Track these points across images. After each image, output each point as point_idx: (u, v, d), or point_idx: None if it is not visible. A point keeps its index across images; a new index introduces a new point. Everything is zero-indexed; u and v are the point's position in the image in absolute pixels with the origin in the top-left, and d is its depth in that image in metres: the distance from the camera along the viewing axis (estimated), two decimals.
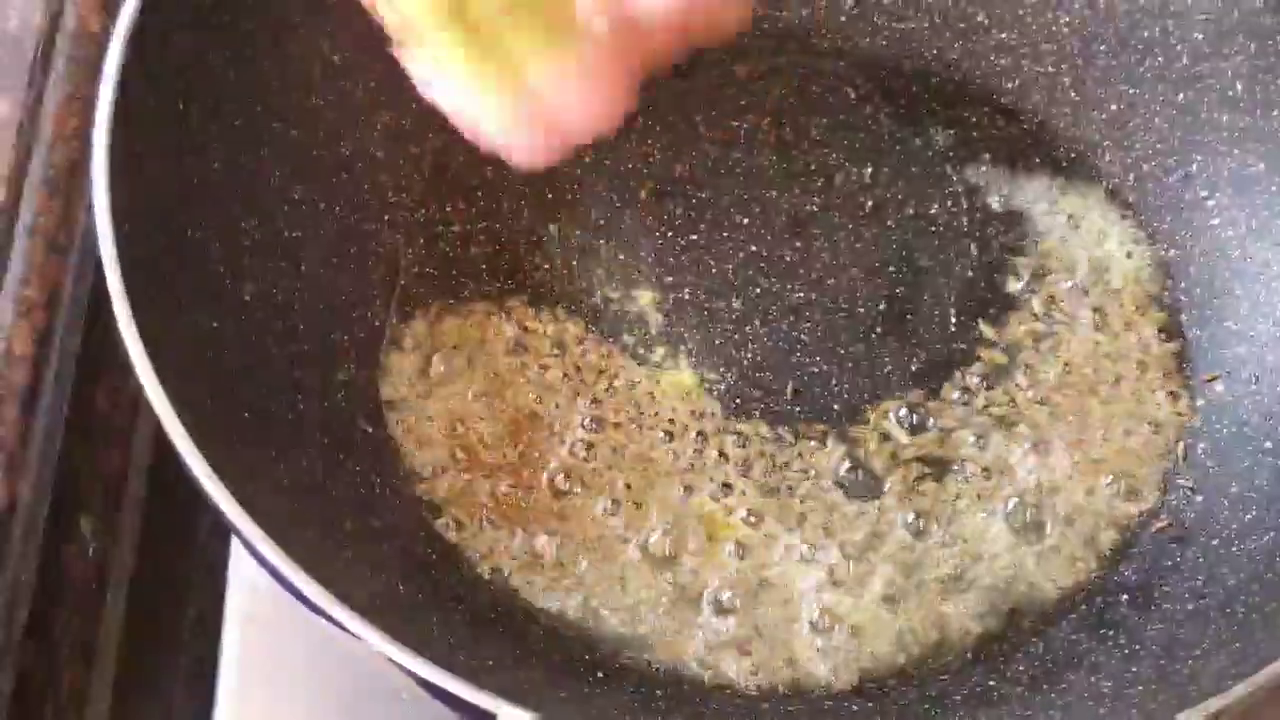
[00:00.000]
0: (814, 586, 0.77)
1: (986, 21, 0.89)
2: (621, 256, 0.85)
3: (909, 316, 0.83)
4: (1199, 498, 0.78)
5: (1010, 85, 0.89)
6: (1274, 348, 0.80)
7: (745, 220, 0.86)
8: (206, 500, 0.64)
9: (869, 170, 0.87)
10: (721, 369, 0.82)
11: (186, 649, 0.86)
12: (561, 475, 0.79)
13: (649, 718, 0.73)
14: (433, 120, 0.85)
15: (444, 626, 0.73)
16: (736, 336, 0.83)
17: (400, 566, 0.74)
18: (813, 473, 0.79)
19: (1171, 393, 0.81)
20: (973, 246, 0.85)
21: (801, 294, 0.84)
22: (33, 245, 0.82)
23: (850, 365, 0.82)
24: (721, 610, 0.76)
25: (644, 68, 0.66)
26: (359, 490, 0.76)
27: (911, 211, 0.86)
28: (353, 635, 0.62)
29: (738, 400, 0.81)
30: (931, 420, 0.80)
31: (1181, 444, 0.80)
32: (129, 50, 0.71)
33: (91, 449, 0.83)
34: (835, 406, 0.81)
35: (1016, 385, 0.81)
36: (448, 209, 0.86)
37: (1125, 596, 0.76)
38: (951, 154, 0.88)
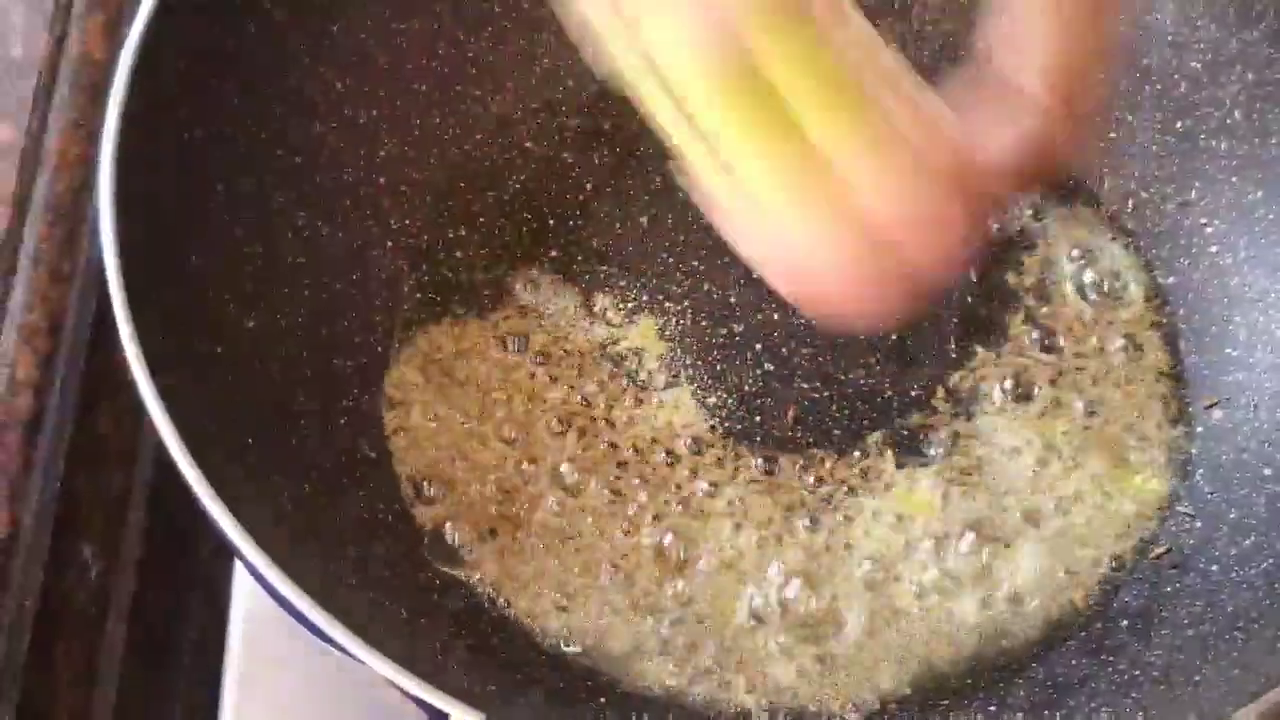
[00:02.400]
0: (815, 613, 0.77)
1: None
2: (623, 283, 0.85)
3: (909, 342, 0.84)
4: (1198, 524, 0.78)
5: None
6: (1272, 375, 0.80)
7: None
8: (209, 524, 0.64)
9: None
10: (722, 394, 0.82)
11: (188, 673, 0.86)
12: (562, 501, 0.79)
13: None
14: (434, 147, 0.87)
15: (445, 651, 0.73)
16: (737, 362, 0.83)
17: (402, 591, 0.74)
18: (812, 499, 0.79)
19: (1170, 419, 0.81)
20: (972, 274, 0.85)
21: (802, 320, 0.84)
22: (36, 271, 0.82)
23: (850, 391, 0.82)
24: (722, 636, 0.76)
25: (987, 209, 0.57)
26: (361, 514, 0.77)
27: None
28: (354, 659, 0.62)
29: (738, 426, 0.81)
30: (931, 446, 0.80)
31: (1181, 470, 0.80)
32: (133, 77, 0.71)
33: (94, 474, 0.83)
34: (836, 432, 0.81)
35: (1016, 411, 0.81)
36: (450, 235, 0.86)
37: (1125, 622, 0.76)
38: None
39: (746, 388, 0.82)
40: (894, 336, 0.83)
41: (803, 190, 0.54)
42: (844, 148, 0.54)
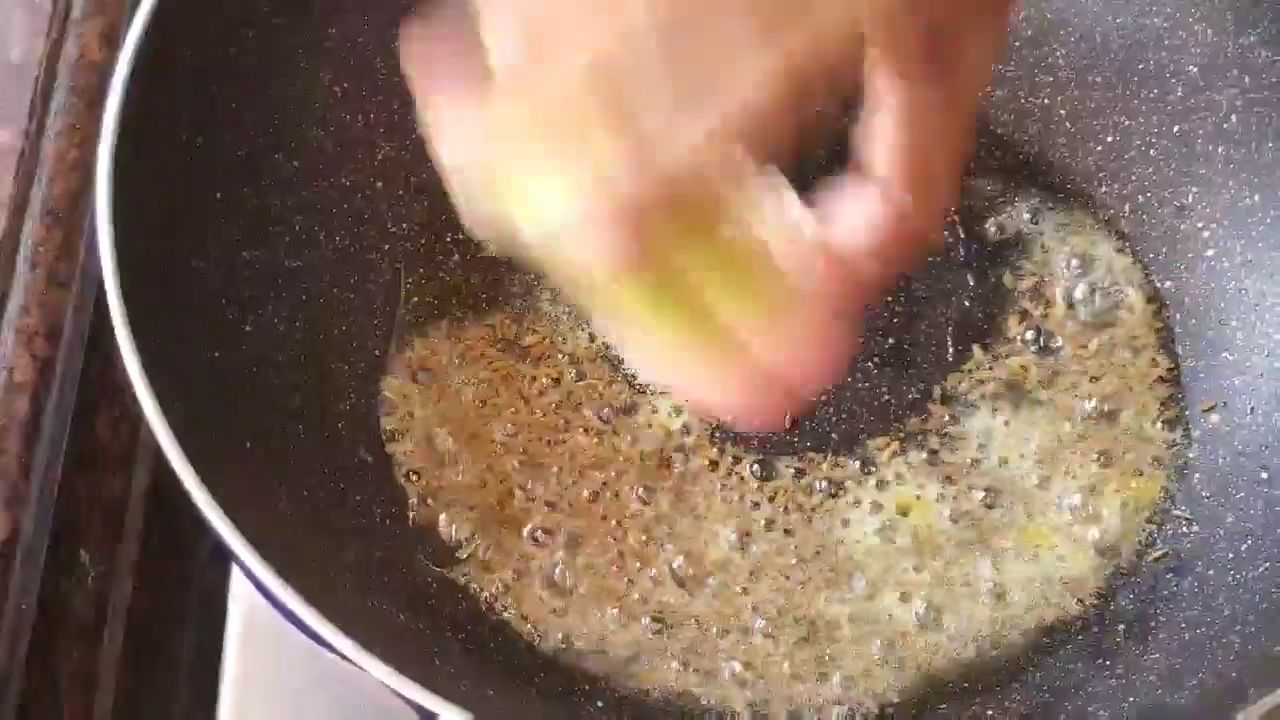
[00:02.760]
0: (812, 616, 0.77)
1: None
2: None
3: (906, 347, 0.84)
4: (1195, 528, 0.78)
5: (1006, 116, 0.89)
6: (1270, 379, 0.80)
7: None
8: (207, 528, 0.64)
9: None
10: None
11: (187, 678, 0.86)
12: (559, 504, 0.79)
13: None
14: (431, 152, 0.87)
15: (444, 656, 0.73)
16: None
17: (400, 596, 0.75)
18: (809, 502, 0.79)
19: (1168, 423, 0.81)
20: (969, 277, 0.85)
21: None
22: (34, 275, 0.82)
23: (848, 395, 0.82)
24: (719, 640, 0.76)
25: (858, 306, 0.59)
26: (359, 519, 0.77)
27: None
28: (352, 664, 0.62)
29: (735, 431, 0.81)
30: (927, 449, 0.81)
31: (1178, 474, 0.80)
32: (131, 81, 0.71)
33: (92, 478, 0.83)
34: (833, 436, 0.81)
35: (1012, 415, 0.81)
36: (447, 239, 0.86)
37: (1122, 627, 0.76)
38: None
39: None
40: (891, 340, 0.83)
41: (693, 339, 0.57)
42: (728, 299, 0.56)
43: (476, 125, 0.55)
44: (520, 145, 0.54)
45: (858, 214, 0.57)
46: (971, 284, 0.85)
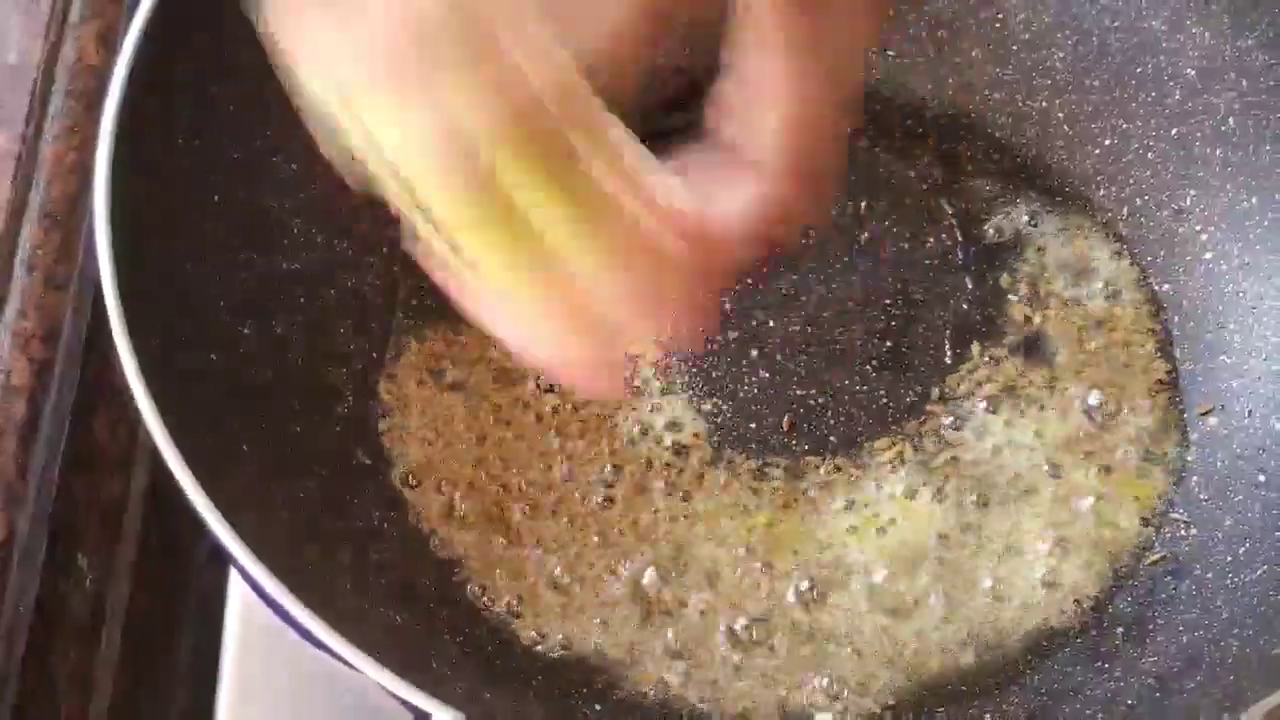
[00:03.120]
0: (808, 619, 0.77)
1: (980, 56, 0.89)
2: None
3: (904, 349, 0.84)
4: (1193, 531, 0.78)
5: (1004, 119, 0.89)
6: (1267, 382, 0.80)
7: None
8: (205, 530, 0.64)
9: (863, 203, 0.87)
10: (717, 401, 0.82)
11: (184, 681, 0.86)
12: (557, 507, 0.79)
13: None
14: None
15: (441, 658, 0.73)
16: (732, 369, 0.83)
17: (398, 598, 0.75)
18: (806, 505, 0.79)
19: (1165, 426, 0.81)
20: (967, 280, 0.85)
21: (796, 327, 0.84)
22: (31, 277, 0.82)
23: (846, 398, 0.82)
24: (717, 643, 0.76)
25: (721, 284, 0.58)
26: (357, 522, 0.77)
27: (906, 245, 0.87)
28: (350, 667, 0.62)
29: (733, 432, 0.81)
30: (925, 452, 0.81)
31: (1176, 477, 0.80)
32: (129, 84, 0.71)
33: (89, 481, 0.83)
34: (831, 439, 0.81)
35: (1010, 418, 0.81)
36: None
37: (1120, 629, 0.76)
38: (946, 188, 0.88)
39: (742, 394, 0.82)
40: (889, 343, 0.83)
41: (535, 287, 0.55)
42: (573, 246, 0.55)
43: (337, 47, 0.54)
44: (376, 69, 0.53)
45: (735, 200, 0.56)
46: (969, 286, 0.85)
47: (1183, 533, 0.78)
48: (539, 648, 0.76)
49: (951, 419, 0.81)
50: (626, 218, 0.55)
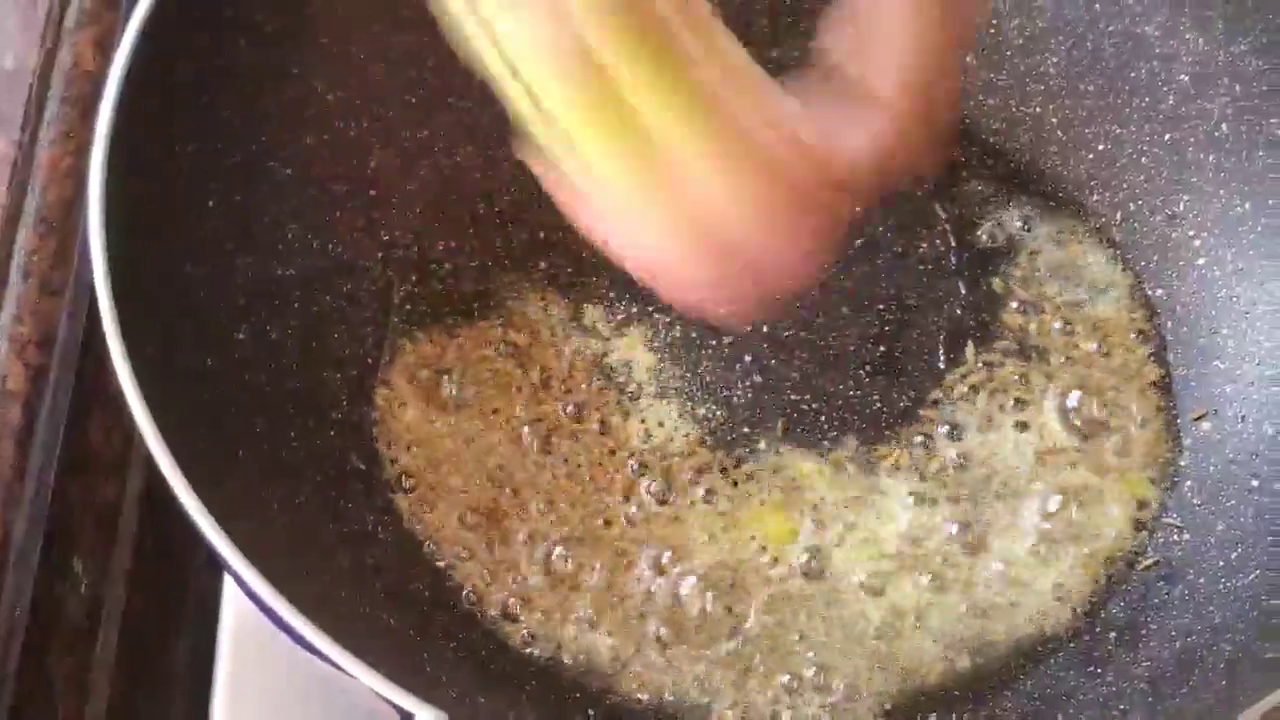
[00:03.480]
0: (803, 624, 0.77)
1: (974, 61, 0.89)
2: (612, 294, 0.85)
3: (898, 354, 0.84)
4: (1186, 536, 0.78)
5: (998, 124, 0.89)
6: (1260, 387, 0.80)
7: None
8: (199, 536, 0.64)
9: (858, 208, 0.87)
10: (711, 406, 0.82)
11: (180, 684, 0.86)
12: (552, 513, 0.79)
13: None
14: (424, 159, 0.87)
15: (436, 663, 0.73)
16: (726, 373, 0.83)
17: (392, 603, 0.75)
18: (800, 510, 0.79)
19: (1158, 431, 0.81)
20: (961, 284, 0.85)
21: (790, 331, 0.84)
22: (27, 283, 0.82)
23: (839, 402, 0.82)
24: (710, 648, 0.76)
25: (842, 215, 0.58)
26: (352, 526, 0.77)
27: (900, 249, 0.87)
28: (344, 671, 0.62)
29: (727, 437, 0.81)
30: (919, 458, 0.81)
31: (1169, 482, 0.80)
32: (124, 89, 0.71)
33: (85, 485, 0.83)
34: (824, 444, 0.81)
35: (1003, 423, 0.81)
36: (440, 246, 0.86)
37: (1113, 634, 0.76)
38: (940, 192, 0.88)
39: (735, 399, 0.83)
40: (882, 348, 0.84)
41: (651, 190, 0.56)
42: (689, 151, 0.55)
43: None
44: None
45: (855, 134, 0.56)
46: (963, 291, 0.85)
47: (1175, 537, 0.78)
48: (533, 652, 0.76)
49: (944, 423, 0.82)
50: (742, 128, 0.55)
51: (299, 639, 0.62)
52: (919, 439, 0.81)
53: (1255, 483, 0.78)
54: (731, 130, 0.55)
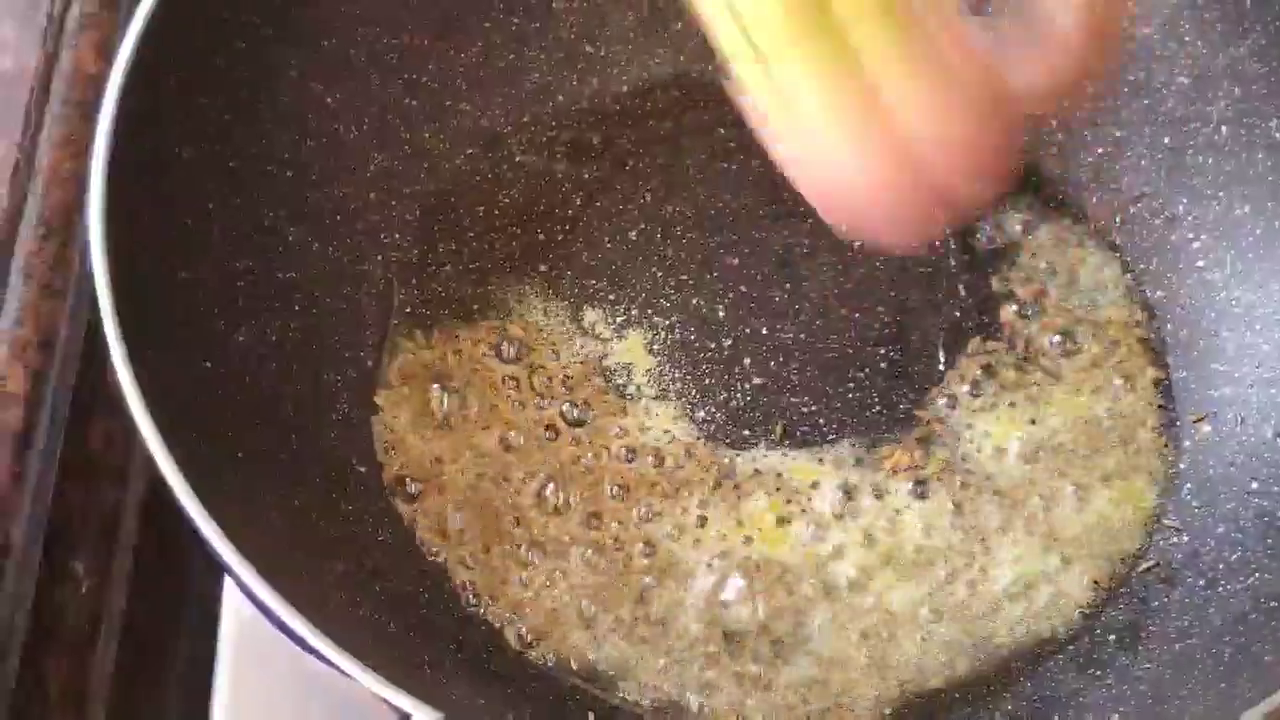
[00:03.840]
0: (803, 627, 0.77)
1: None
2: (612, 297, 0.85)
3: (898, 356, 0.84)
4: (1186, 538, 0.78)
5: None
6: (1260, 389, 0.80)
7: (735, 261, 0.86)
8: (199, 540, 0.64)
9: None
10: (710, 408, 0.82)
11: (179, 689, 0.86)
12: (551, 515, 0.79)
13: None
14: (423, 162, 0.87)
15: (436, 665, 0.73)
16: (726, 376, 0.83)
17: (392, 605, 0.75)
18: (799, 511, 0.79)
19: (1158, 433, 0.81)
20: (961, 287, 0.86)
21: (790, 334, 0.84)
22: (28, 285, 0.82)
23: (839, 405, 0.82)
24: (710, 651, 0.76)
25: (1018, 140, 0.61)
26: (352, 530, 0.77)
27: (899, 252, 0.87)
28: (344, 674, 0.62)
29: (726, 439, 0.82)
30: (919, 460, 0.81)
31: (1168, 484, 0.80)
32: (125, 92, 0.71)
33: (85, 489, 0.83)
34: (825, 446, 0.81)
35: (1003, 425, 0.82)
36: (439, 249, 0.86)
37: (1113, 637, 0.76)
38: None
39: (735, 402, 0.83)
40: (883, 350, 0.84)
41: (852, 113, 0.58)
42: (892, 70, 0.58)
43: None
44: None
45: (1033, 68, 0.60)
46: (963, 294, 0.85)
47: (1175, 540, 0.79)
48: (532, 654, 0.76)
49: (944, 426, 0.82)
50: (947, 59, 0.58)
51: (299, 641, 0.62)
52: (918, 441, 0.81)
53: (1254, 485, 0.78)
54: (929, 54, 0.58)
